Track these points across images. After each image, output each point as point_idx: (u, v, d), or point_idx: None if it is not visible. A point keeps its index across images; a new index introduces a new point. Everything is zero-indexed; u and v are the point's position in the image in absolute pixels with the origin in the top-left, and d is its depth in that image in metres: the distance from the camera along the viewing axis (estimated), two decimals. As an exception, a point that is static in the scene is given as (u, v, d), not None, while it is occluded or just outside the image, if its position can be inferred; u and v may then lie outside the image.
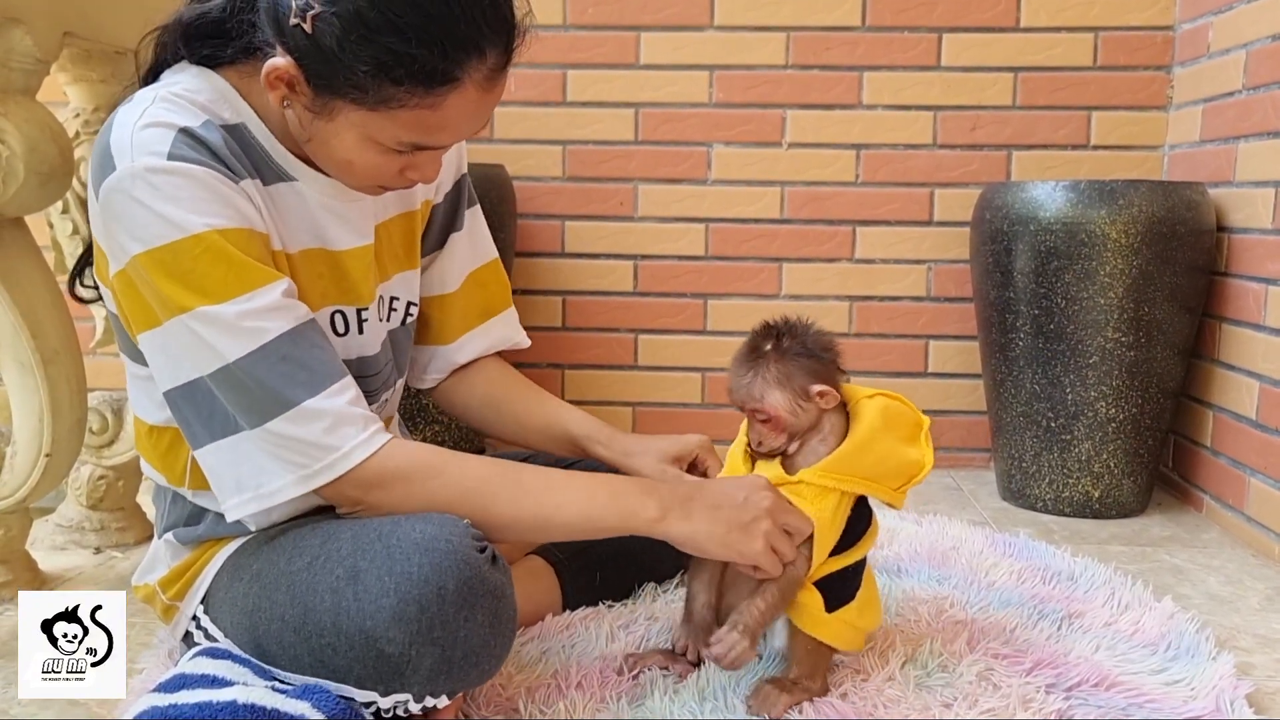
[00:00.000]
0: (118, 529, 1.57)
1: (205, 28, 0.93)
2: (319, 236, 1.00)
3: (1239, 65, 1.76)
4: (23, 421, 1.24)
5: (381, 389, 1.11)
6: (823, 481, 0.99)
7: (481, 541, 0.89)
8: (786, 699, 1.00)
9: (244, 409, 0.88)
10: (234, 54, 0.93)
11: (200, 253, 0.86)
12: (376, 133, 0.89)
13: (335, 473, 0.89)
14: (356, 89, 0.85)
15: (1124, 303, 1.71)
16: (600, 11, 2.09)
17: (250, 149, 0.95)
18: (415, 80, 0.84)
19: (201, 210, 0.86)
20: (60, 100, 1.46)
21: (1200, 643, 1.17)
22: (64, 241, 1.50)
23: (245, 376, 0.87)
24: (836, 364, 1.03)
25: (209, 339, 0.87)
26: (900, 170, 2.10)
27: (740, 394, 1.02)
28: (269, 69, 0.87)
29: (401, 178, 0.96)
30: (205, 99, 0.92)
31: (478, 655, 0.86)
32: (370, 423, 0.91)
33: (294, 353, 0.88)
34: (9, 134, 1.14)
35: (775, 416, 1.00)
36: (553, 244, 2.16)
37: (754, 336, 1.03)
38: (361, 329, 1.05)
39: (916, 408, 1.05)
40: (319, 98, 0.88)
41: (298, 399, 0.87)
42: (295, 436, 0.88)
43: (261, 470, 0.89)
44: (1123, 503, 1.80)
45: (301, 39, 0.85)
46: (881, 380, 2.13)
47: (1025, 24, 2.05)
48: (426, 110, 0.87)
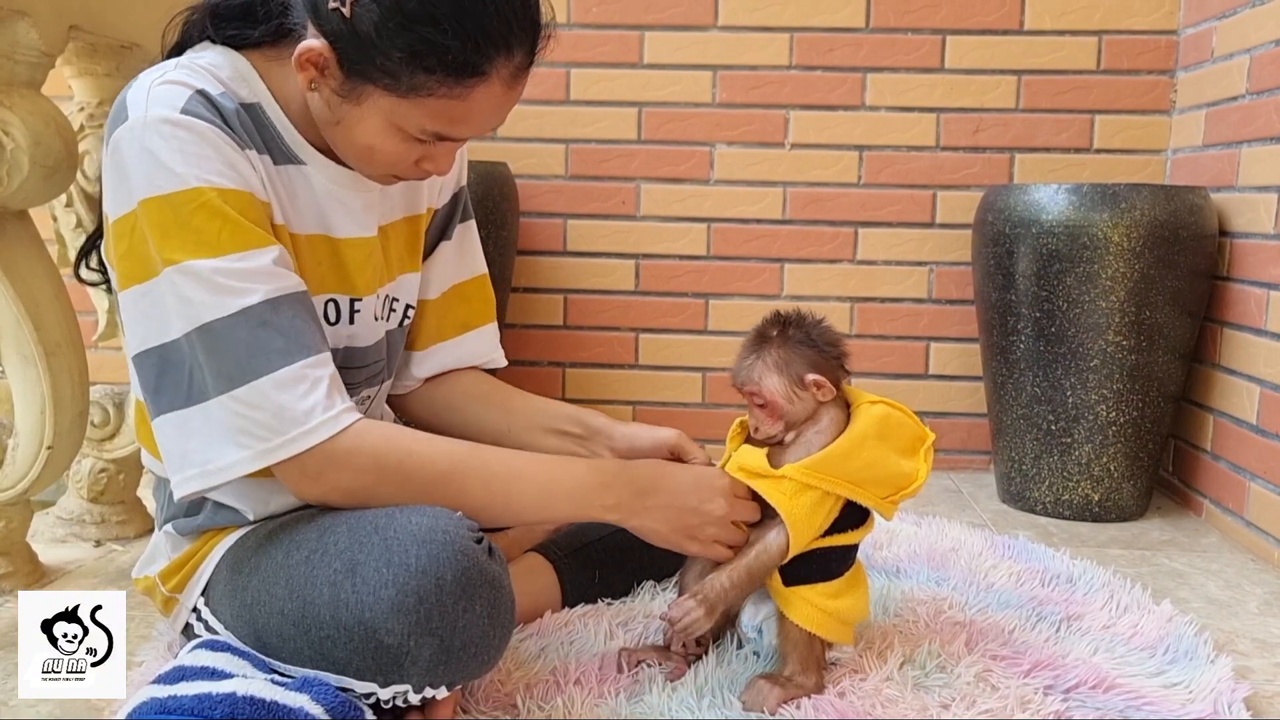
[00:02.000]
0: (118, 522, 1.57)
1: (234, 9, 0.96)
2: (322, 223, 1.01)
3: (1242, 70, 1.76)
4: (24, 414, 1.24)
5: (364, 384, 1.10)
6: (804, 479, 1.00)
7: (478, 533, 0.89)
8: (780, 693, 1.01)
9: (215, 373, 0.87)
10: (261, 36, 0.96)
11: (196, 207, 0.86)
12: (402, 120, 0.91)
13: (299, 447, 0.87)
14: (388, 75, 0.88)
15: (1125, 306, 1.71)
16: (604, 10, 2.09)
17: (263, 128, 0.96)
18: (446, 70, 0.87)
19: (204, 166, 0.87)
20: (65, 94, 1.46)
21: (1199, 646, 1.17)
22: (67, 235, 1.50)
23: (220, 339, 0.86)
24: (840, 360, 1.05)
25: (191, 295, 0.86)
26: (902, 172, 2.10)
27: (740, 376, 1.05)
28: (302, 50, 0.89)
29: (416, 168, 0.98)
30: (225, 75, 0.94)
31: (476, 646, 0.86)
32: (340, 399, 0.90)
33: (274, 319, 0.87)
34: (14, 127, 1.14)
35: (771, 401, 1.03)
36: (554, 242, 2.16)
37: (763, 323, 1.06)
38: (353, 319, 1.05)
39: (922, 423, 1.06)
40: (348, 81, 0.90)
41: (271, 367, 0.86)
42: (261, 405, 0.86)
43: (211, 445, 0.87)
44: (1122, 506, 1.81)
45: (338, 23, 0.87)
46: (882, 382, 2.13)
47: (1029, 27, 2.05)
48: (453, 101, 0.89)
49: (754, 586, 1.02)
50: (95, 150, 1.45)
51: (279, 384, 0.86)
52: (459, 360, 1.22)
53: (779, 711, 0.99)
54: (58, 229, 1.50)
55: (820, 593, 1.03)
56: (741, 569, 1.00)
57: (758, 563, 1.00)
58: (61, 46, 1.24)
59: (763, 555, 1.00)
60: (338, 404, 0.89)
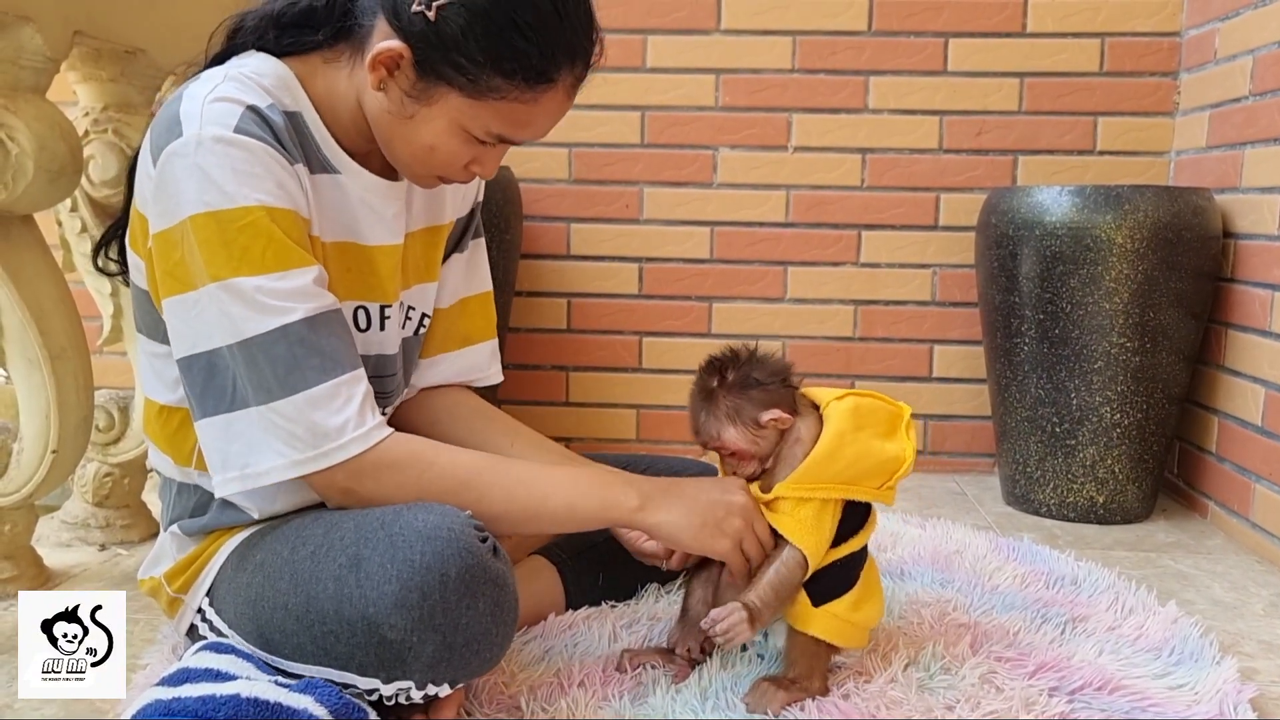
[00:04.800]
0: (123, 526, 1.57)
1: (298, 15, 0.98)
2: (353, 230, 1.02)
3: (1246, 71, 1.76)
4: (29, 418, 1.24)
5: (395, 392, 1.13)
6: (797, 493, 1.00)
7: (483, 531, 0.90)
8: (784, 696, 1.01)
9: (254, 385, 0.89)
10: (323, 38, 0.98)
11: (245, 225, 0.88)
12: (469, 121, 0.94)
13: (330, 461, 0.90)
14: (466, 75, 0.91)
15: (1129, 308, 1.71)
16: (607, 14, 2.08)
17: (304, 137, 0.98)
18: (522, 75, 0.91)
19: (256, 185, 0.89)
20: (70, 100, 1.47)
21: (1204, 648, 1.17)
22: (72, 240, 1.50)
23: (260, 354, 0.88)
24: (787, 383, 1.04)
25: (233, 311, 0.89)
26: (906, 175, 2.10)
27: (700, 435, 1.05)
28: (381, 50, 0.92)
29: (465, 171, 1.01)
30: (270, 83, 0.96)
31: (479, 643, 0.87)
32: (372, 415, 0.93)
33: (312, 337, 0.90)
34: (19, 131, 1.15)
35: (737, 450, 1.03)
36: (558, 246, 2.16)
37: (701, 376, 1.05)
38: (383, 326, 1.07)
39: (893, 400, 1.05)
40: (421, 81, 0.93)
41: (306, 384, 0.89)
42: (297, 420, 0.89)
43: (252, 449, 0.90)
44: (1127, 508, 1.80)
45: (420, 24, 0.90)
46: (886, 384, 2.13)
47: (1032, 29, 2.05)
48: (522, 105, 0.94)
49: (783, 603, 1.01)
50: (100, 155, 1.45)
51: (313, 401, 0.89)
52: (457, 374, 1.23)
53: (782, 714, 0.99)
54: (62, 234, 1.50)
55: (845, 605, 1.02)
56: (765, 585, 0.99)
57: (778, 577, 0.99)
58: (66, 51, 1.24)
59: (782, 569, 0.99)
60: (369, 420, 0.92)
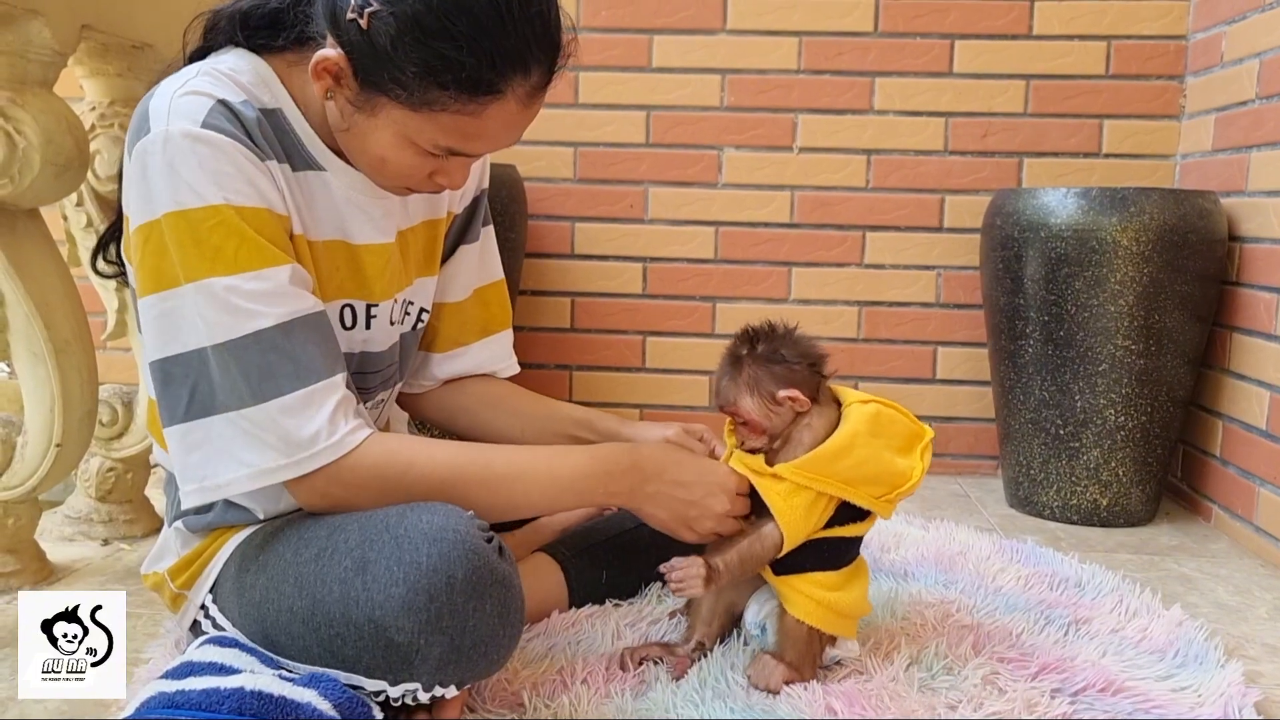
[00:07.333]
0: (126, 521, 1.58)
1: (264, 17, 0.96)
2: (341, 229, 1.01)
3: (1252, 74, 1.76)
4: (34, 412, 1.24)
5: (379, 388, 1.12)
6: (797, 479, 1.01)
7: (488, 532, 0.89)
8: (785, 670, 1.03)
9: (226, 390, 0.88)
10: (285, 43, 0.96)
11: (214, 224, 0.87)
12: (415, 133, 0.91)
13: (301, 470, 0.90)
14: (402, 88, 0.87)
15: (1134, 311, 1.70)
16: (613, 14, 2.10)
17: (284, 134, 0.97)
18: (460, 87, 0.87)
19: (223, 184, 0.88)
20: (76, 94, 1.47)
21: (1208, 650, 1.16)
22: (78, 234, 1.50)
23: (232, 359, 0.87)
24: (815, 368, 1.05)
25: (207, 314, 0.87)
26: (911, 176, 2.10)
27: (719, 398, 1.08)
28: (318, 59, 0.89)
29: (430, 182, 0.98)
30: (247, 80, 0.95)
31: (486, 645, 0.86)
32: (344, 422, 0.91)
33: (285, 344, 0.89)
34: (26, 125, 1.15)
35: (750, 419, 1.05)
36: (562, 245, 2.16)
37: (734, 342, 1.08)
38: (369, 324, 1.06)
39: (918, 420, 1.06)
40: (363, 92, 0.90)
41: (279, 391, 0.88)
42: (268, 427, 0.88)
43: (208, 461, 0.89)
44: (1131, 511, 1.80)
45: (356, 34, 0.87)
46: (889, 386, 2.13)
47: (1038, 32, 2.05)
48: (466, 117, 0.89)
49: (746, 572, 1.04)
50: (106, 149, 1.45)
51: (285, 409, 0.88)
52: (478, 365, 1.23)
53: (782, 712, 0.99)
54: (68, 228, 1.50)
55: (817, 584, 1.04)
56: (735, 553, 1.02)
57: (750, 550, 1.02)
58: (74, 46, 1.25)
59: (756, 544, 1.02)
60: (341, 428, 0.90)
